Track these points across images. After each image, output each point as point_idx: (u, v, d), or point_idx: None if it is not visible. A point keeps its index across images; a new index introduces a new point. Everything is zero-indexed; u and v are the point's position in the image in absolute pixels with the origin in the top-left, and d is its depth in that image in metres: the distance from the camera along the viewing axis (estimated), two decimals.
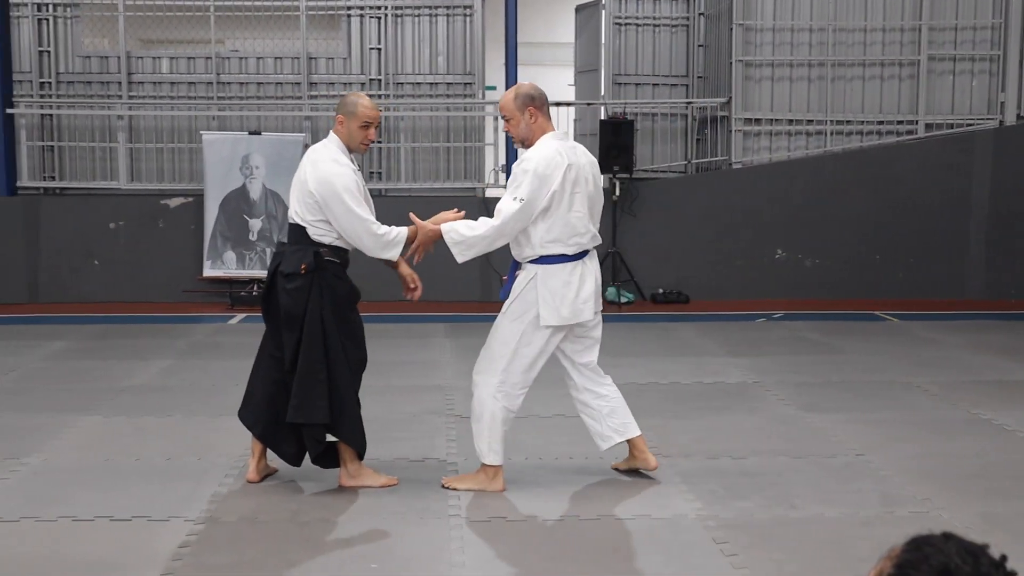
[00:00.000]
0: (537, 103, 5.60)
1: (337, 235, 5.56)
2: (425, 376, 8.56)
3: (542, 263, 5.55)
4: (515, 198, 5.45)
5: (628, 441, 5.88)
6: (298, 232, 5.58)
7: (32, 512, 5.33)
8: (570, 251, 5.57)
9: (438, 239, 5.63)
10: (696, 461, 6.25)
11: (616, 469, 6.02)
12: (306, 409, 5.49)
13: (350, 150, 5.67)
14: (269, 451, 5.82)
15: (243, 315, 11.77)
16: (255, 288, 12.33)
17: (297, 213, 5.58)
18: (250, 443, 5.89)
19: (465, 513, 5.34)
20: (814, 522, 5.25)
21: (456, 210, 5.80)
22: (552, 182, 5.45)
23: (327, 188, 5.46)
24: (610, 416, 5.82)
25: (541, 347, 5.62)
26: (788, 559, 4.77)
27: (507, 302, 5.65)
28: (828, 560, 4.79)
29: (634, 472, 5.95)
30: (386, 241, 5.58)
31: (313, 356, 5.49)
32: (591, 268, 5.69)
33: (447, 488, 5.67)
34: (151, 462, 6.21)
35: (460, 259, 5.63)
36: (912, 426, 7.04)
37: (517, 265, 5.68)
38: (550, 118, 5.71)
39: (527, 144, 5.65)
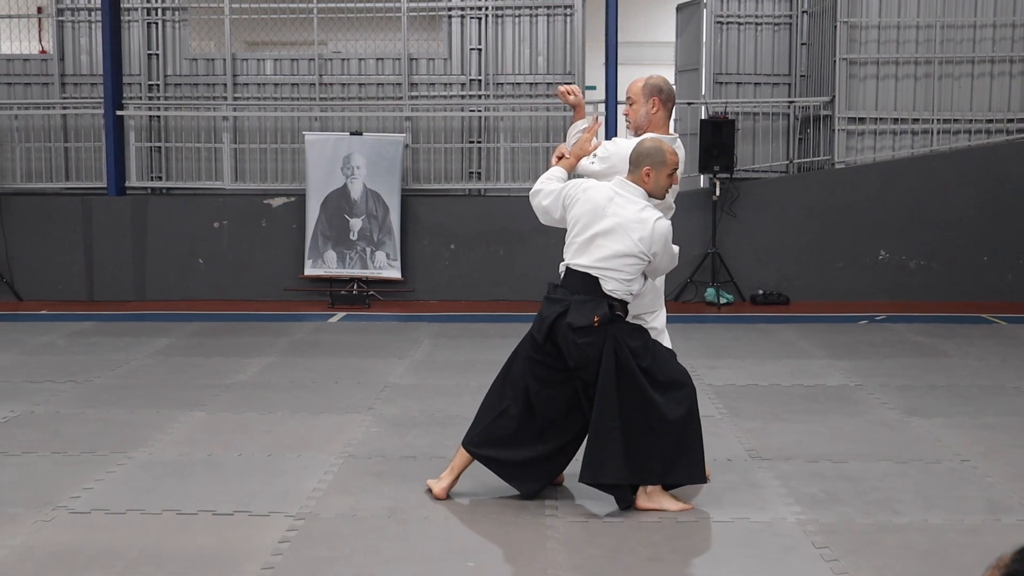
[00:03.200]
0: (663, 97, 5.65)
1: (632, 291, 5.34)
2: None
3: None
4: (593, 159, 5.63)
5: None
6: (588, 282, 5.30)
7: (137, 505, 5.44)
8: None
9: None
10: (796, 464, 6.16)
11: None
12: (603, 471, 5.26)
13: (652, 197, 5.40)
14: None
15: (343, 314, 11.91)
16: (355, 287, 12.46)
17: (594, 265, 5.30)
18: (453, 459, 5.66)
19: (561, 513, 5.33)
20: (917, 529, 5.14)
21: (595, 118, 5.88)
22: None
23: (665, 242, 5.29)
24: None
25: None
26: (890, 566, 4.68)
27: None
28: (931, 568, 4.69)
29: (723, 476, 5.91)
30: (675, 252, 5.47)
31: (608, 411, 5.23)
32: None
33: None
34: (253, 458, 6.31)
35: None
36: (1020, 432, 6.87)
37: None
38: (670, 117, 5.73)
39: (639, 132, 5.68)
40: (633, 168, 5.38)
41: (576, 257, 5.37)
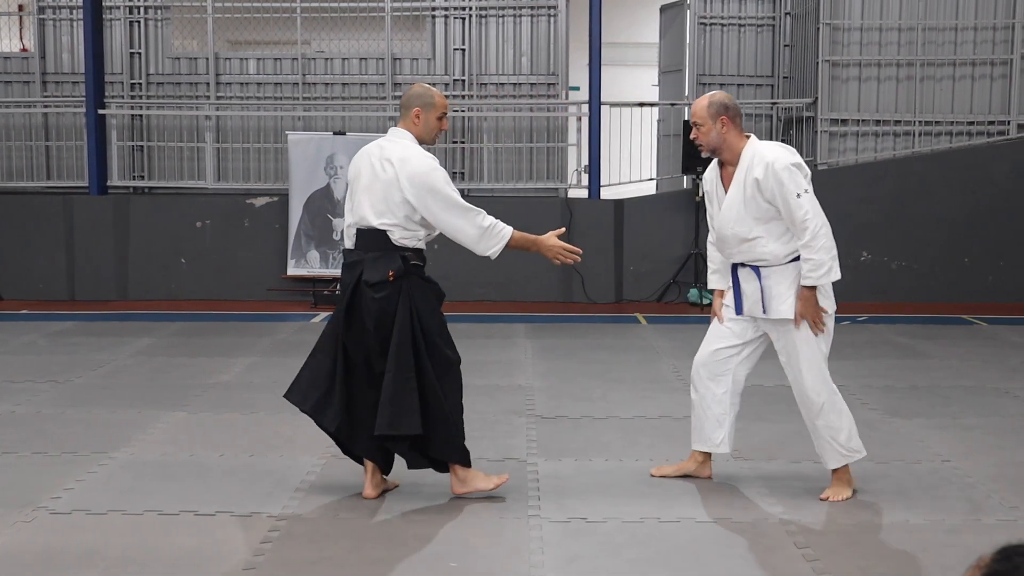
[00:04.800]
0: (731, 114, 5.50)
1: (419, 238, 5.41)
2: (506, 376, 8.57)
3: (798, 260, 5.66)
4: (804, 191, 5.39)
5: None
6: (378, 237, 5.35)
7: (119, 505, 5.42)
8: None
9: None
10: (779, 464, 6.18)
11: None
12: (398, 420, 5.31)
13: (421, 142, 5.48)
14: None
15: (326, 313, 11.87)
16: (337, 287, 12.43)
17: (378, 216, 5.33)
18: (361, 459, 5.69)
19: (545, 514, 5.33)
20: (899, 529, 5.16)
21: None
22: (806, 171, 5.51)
23: (426, 182, 5.26)
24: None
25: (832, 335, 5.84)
26: (872, 566, 4.69)
27: (778, 309, 5.76)
28: (913, 568, 4.71)
29: (685, 476, 5.95)
30: (493, 233, 5.41)
31: (403, 364, 5.31)
32: None
33: (829, 500, 5.55)
34: (235, 458, 6.29)
35: (833, 279, 5.75)
36: (1000, 433, 6.90)
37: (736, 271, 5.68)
38: (742, 130, 5.59)
39: (716, 152, 5.57)
40: (403, 111, 5.47)
41: (359, 214, 5.39)
